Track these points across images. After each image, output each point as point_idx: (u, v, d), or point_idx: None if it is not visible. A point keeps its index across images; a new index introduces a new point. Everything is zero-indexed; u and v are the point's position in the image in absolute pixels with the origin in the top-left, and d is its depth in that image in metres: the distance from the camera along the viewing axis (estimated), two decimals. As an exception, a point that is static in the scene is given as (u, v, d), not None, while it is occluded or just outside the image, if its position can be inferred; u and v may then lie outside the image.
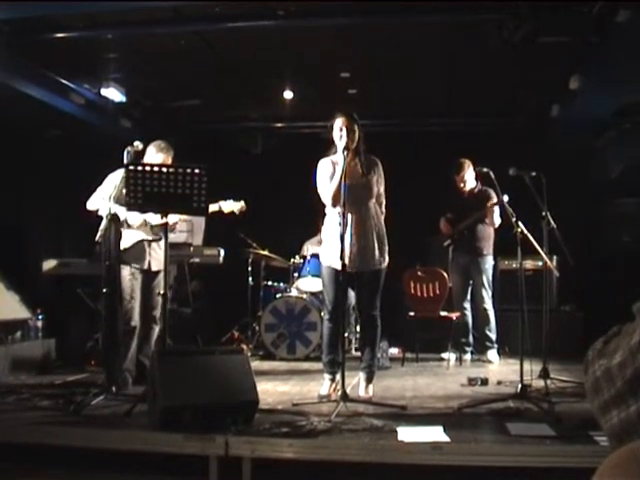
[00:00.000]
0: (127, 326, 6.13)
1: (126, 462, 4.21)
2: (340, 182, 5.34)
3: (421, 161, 9.91)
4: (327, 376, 5.74)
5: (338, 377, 5.47)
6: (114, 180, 5.93)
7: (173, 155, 6.30)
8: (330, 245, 5.63)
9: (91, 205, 6.12)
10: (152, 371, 4.72)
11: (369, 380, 5.73)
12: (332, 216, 5.65)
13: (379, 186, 5.75)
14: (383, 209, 5.84)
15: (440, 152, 9.23)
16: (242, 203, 6.63)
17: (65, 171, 9.31)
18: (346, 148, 5.40)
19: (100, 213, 5.83)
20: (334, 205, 5.56)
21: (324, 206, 5.70)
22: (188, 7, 6.66)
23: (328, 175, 5.61)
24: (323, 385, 5.74)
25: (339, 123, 5.51)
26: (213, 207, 6.37)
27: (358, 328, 8.80)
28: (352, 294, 6.48)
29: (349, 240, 5.45)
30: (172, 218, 5.97)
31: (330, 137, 5.59)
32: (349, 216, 5.45)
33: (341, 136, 5.47)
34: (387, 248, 5.73)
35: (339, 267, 5.34)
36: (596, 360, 1.23)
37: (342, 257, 5.18)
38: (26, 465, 4.29)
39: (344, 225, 5.24)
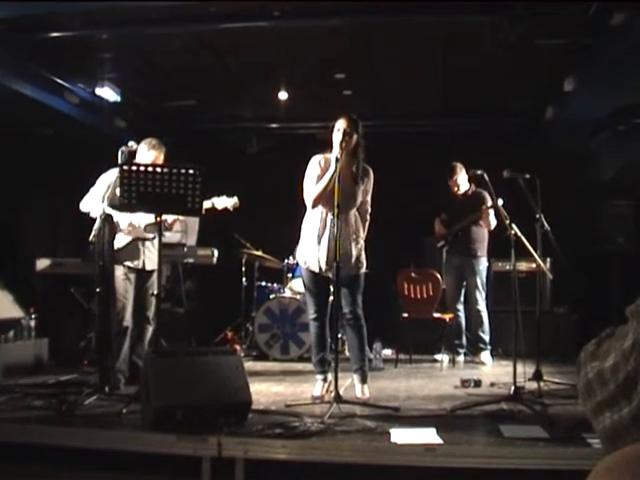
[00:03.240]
0: (119, 326, 6.11)
1: (118, 462, 4.20)
2: (327, 186, 5.34)
3: (415, 162, 9.92)
4: (319, 376, 5.74)
5: (330, 377, 5.48)
6: (107, 180, 5.91)
7: (165, 153, 6.28)
8: (307, 246, 5.63)
9: (84, 207, 6.11)
10: (145, 371, 4.72)
11: (364, 380, 5.72)
12: (311, 217, 5.65)
13: (365, 196, 5.72)
14: (367, 217, 5.83)
15: (434, 153, 9.25)
16: (235, 199, 6.58)
17: (59, 170, 9.29)
18: (340, 149, 5.38)
19: (92, 215, 5.82)
20: (313, 207, 5.56)
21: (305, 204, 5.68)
22: (183, 7, 6.66)
23: (316, 174, 5.58)
24: (316, 386, 5.74)
25: (338, 125, 5.49)
26: (206, 204, 6.36)
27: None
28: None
29: (326, 243, 5.46)
30: (169, 216, 5.97)
31: (329, 138, 5.57)
32: (329, 219, 5.46)
33: (338, 137, 5.45)
34: (364, 255, 5.72)
35: (316, 269, 5.39)
36: (588, 362, 1.23)
37: (329, 258, 5.18)
38: (18, 465, 4.28)
39: (323, 228, 5.24)
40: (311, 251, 5.54)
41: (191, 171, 5.15)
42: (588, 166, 9.88)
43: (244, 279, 9.25)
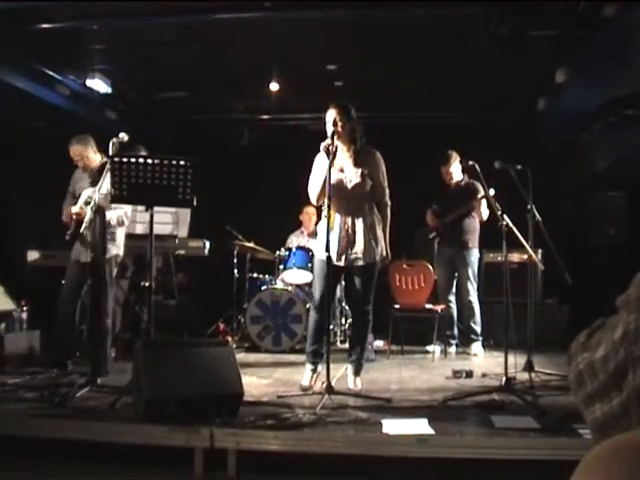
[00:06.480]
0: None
1: (111, 454, 4.20)
2: (324, 179, 5.33)
3: (408, 154, 9.90)
4: (309, 366, 5.74)
5: (319, 368, 5.49)
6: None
7: (90, 143, 6.41)
8: (322, 238, 5.63)
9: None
10: (136, 363, 4.72)
11: (357, 372, 5.73)
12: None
13: (374, 178, 5.69)
14: (387, 200, 5.81)
15: (426, 145, 9.24)
16: None
17: (50, 162, 9.25)
18: (332, 140, 5.37)
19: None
20: (316, 201, 5.57)
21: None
22: (174, -1, 6.65)
23: (319, 170, 5.59)
24: (305, 375, 5.74)
25: (328, 116, 5.50)
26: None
27: (343, 321, 8.84)
28: (339, 287, 6.47)
29: (338, 233, 5.46)
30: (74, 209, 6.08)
31: (323, 129, 5.56)
32: (337, 209, 5.47)
33: (330, 130, 5.44)
34: (381, 242, 5.70)
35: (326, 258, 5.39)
36: (579, 353, 1.23)
37: (327, 249, 5.18)
38: (10, 457, 4.27)
39: (329, 217, 5.23)
40: (324, 242, 5.53)
41: (182, 162, 5.14)
42: (580, 158, 9.89)
43: (236, 271, 9.22)
